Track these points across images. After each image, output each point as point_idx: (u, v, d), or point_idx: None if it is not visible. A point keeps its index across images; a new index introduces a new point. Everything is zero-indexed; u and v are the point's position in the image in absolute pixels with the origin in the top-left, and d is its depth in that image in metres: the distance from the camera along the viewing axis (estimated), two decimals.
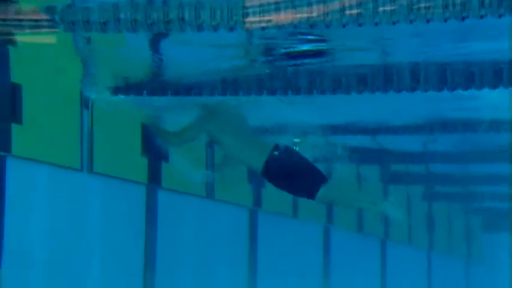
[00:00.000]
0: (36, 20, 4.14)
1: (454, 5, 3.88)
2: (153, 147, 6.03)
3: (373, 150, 7.78)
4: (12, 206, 4.83)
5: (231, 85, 5.38)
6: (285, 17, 3.93)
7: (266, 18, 3.97)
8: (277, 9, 3.95)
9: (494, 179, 8.96)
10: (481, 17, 3.90)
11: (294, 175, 5.70)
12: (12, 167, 4.83)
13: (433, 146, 7.61)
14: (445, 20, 3.97)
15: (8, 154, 4.82)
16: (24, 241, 4.97)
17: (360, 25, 4.02)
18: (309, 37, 4.71)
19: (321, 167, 8.20)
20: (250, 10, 3.97)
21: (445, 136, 6.94)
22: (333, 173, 7.32)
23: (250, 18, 3.97)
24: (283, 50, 4.93)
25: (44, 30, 4.23)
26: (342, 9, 3.96)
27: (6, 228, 4.78)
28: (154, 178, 6.10)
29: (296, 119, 6.45)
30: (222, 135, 5.75)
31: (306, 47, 4.90)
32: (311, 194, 5.71)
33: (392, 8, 3.96)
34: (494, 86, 5.23)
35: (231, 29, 4.00)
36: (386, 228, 9.76)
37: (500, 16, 3.90)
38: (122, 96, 5.56)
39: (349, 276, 8.82)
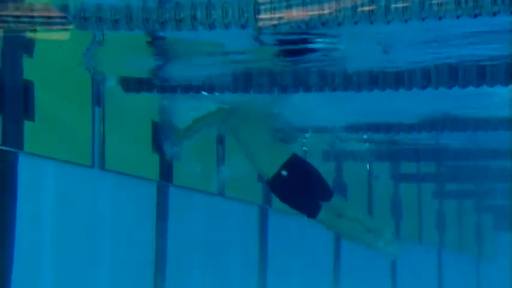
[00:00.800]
0: (48, 17, 4.15)
1: (466, 1, 3.86)
2: (165, 144, 6.04)
3: (384, 148, 7.77)
4: (24, 202, 4.84)
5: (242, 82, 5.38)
6: (296, 14, 3.92)
7: (278, 15, 3.96)
8: (289, 7, 3.94)
9: (506, 176, 8.91)
10: (494, 14, 3.87)
11: (299, 194, 5.70)
12: (24, 164, 4.84)
13: (444, 143, 7.59)
14: (458, 17, 3.95)
15: (20, 151, 4.83)
16: (35, 237, 4.98)
17: (371, 23, 4.00)
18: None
19: (331, 165, 8.19)
20: (262, 7, 3.96)
21: (455, 133, 6.92)
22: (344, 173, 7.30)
23: (262, 16, 3.97)
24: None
25: (57, 27, 4.23)
26: (354, 7, 3.95)
27: (18, 223, 4.79)
28: (165, 175, 6.11)
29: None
30: (240, 131, 5.73)
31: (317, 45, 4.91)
32: (312, 214, 5.75)
33: (405, 5, 3.94)
34: (505, 84, 5.21)
35: (243, 26, 4.00)
36: (397, 225, 9.74)
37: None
38: (133, 93, 5.57)
39: (360, 275, 8.80)
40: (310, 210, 5.74)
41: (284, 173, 5.67)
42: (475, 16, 3.92)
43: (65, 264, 5.19)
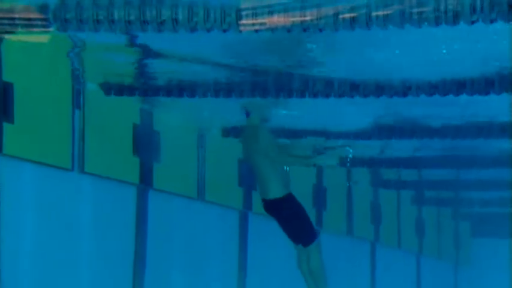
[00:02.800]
0: (29, 19, 4.11)
1: (446, 11, 3.88)
2: (145, 148, 6.02)
3: (364, 155, 7.79)
4: (3, 205, 4.79)
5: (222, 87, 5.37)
6: (278, 20, 3.92)
7: (259, 21, 3.96)
8: (271, 13, 3.93)
9: (484, 184, 8.97)
10: (472, 22, 3.89)
11: (291, 223, 5.82)
12: (3, 166, 4.80)
13: (423, 151, 7.62)
14: (437, 25, 3.97)
15: None
16: (14, 239, 4.94)
17: (353, 29, 4.01)
18: None
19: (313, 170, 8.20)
20: (244, 13, 3.96)
21: (435, 142, 6.95)
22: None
23: (244, 21, 3.96)
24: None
25: (37, 29, 4.19)
26: (336, 14, 3.95)
27: None
28: (145, 179, 6.08)
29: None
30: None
31: None
32: (302, 243, 5.91)
33: (385, 12, 3.95)
34: (486, 93, 5.25)
35: (225, 31, 3.99)
36: (377, 231, 9.77)
37: (491, 21, 3.90)
38: (114, 97, 5.54)
39: (341, 280, 8.80)
40: (299, 239, 5.85)
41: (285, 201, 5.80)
42: (454, 24, 3.94)
43: (44, 266, 5.15)
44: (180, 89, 5.45)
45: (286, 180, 5.88)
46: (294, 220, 5.78)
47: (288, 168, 6.04)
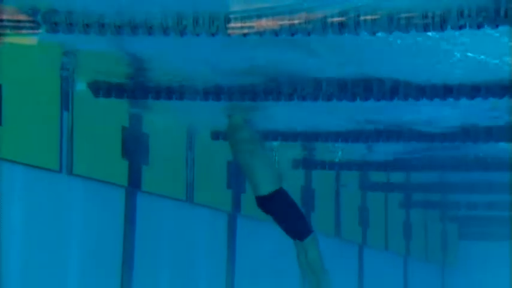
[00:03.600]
0: (18, 21, 4.09)
1: (433, 16, 3.89)
2: (134, 150, 6.00)
3: (354, 159, 7.80)
4: None
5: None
6: (266, 23, 3.92)
7: (248, 24, 3.95)
8: (259, 16, 3.93)
9: (471, 188, 9.00)
10: (460, 27, 3.91)
11: (284, 217, 5.76)
12: None
13: (411, 154, 7.64)
14: (425, 30, 3.98)
15: None
16: (4, 240, 4.91)
17: (341, 33, 4.01)
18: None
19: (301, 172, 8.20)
20: (232, 16, 3.95)
21: (422, 145, 6.96)
22: None
23: (232, 24, 3.96)
24: None
25: (26, 31, 4.18)
26: (324, 18, 3.95)
27: None
28: (134, 181, 6.06)
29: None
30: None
31: None
32: (297, 237, 5.82)
33: (374, 17, 3.96)
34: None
35: (213, 35, 3.98)
36: (364, 234, 9.78)
37: (478, 27, 3.91)
38: (103, 99, 5.52)
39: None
40: (294, 233, 5.81)
41: (277, 195, 5.75)
42: (442, 29, 3.95)
43: (33, 267, 5.13)
44: (169, 92, 5.45)
45: (276, 175, 5.84)
46: (286, 215, 5.75)
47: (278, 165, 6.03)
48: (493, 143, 6.45)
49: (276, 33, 3.97)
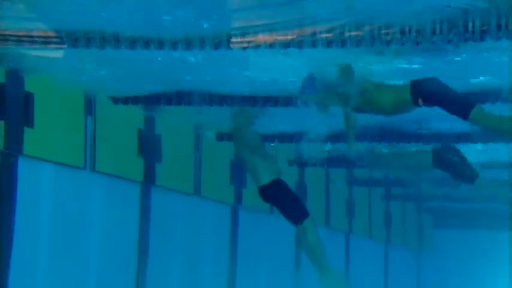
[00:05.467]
0: (45, 37, 4.11)
1: (410, 31, 3.89)
2: (148, 150, 6.01)
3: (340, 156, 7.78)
4: (22, 199, 4.78)
5: None
6: (263, 38, 3.93)
7: (247, 39, 3.96)
8: (256, 32, 3.94)
9: (442, 181, 8.99)
10: (433, 42, 3.91)
11: (283, 203, 5.69)
12: (24, 166, 4.79)
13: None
14: (402, 44, 3.98)
15: (20, 154, 4.78)
16: (33, 230, 4.92)
17: (328, 47, 4.02)
18: None
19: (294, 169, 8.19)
20: (233, 32, 3.96)
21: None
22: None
23: (233, 39, 3.96)
24: None
25: (53, 46, 4.19)
26: (313, 34, 3.96)
27: (17, 220, 4.73)
28: (148, 177, 6.07)
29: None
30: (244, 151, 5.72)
31: None
32: (295, 221, 5.68)
33: (358, 33, 3.96)
34: None
35: (216, 47, 3.99)
36: (350, 223, 9.78)
37: (449, 42, 3.92)
38: (121, 105, 5.53)
39: None
40: (293, 219, 5.73)
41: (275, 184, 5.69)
42: (417, 44, 3.96)
43: (59, 255, 5.13)
44: (179, 98, 5.45)
45: (274, 167, 5.79)
46: (285, 200, 5.70)
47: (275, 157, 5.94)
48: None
49: (270, 45, 3.98)
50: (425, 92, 4.60)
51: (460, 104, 4.57)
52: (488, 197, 9.13)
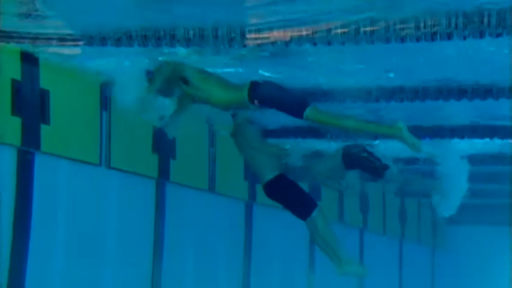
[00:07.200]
0: (61, 35, 4.13)
1: (425, 26, 3.87)
2: (163, 146, 6.02)
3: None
4: (39, 196, 4.81)
5: None
6: (278, 35, 3.92)
7: (261, 36, 3.95)
8: (271, 28, 3.93)
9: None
10: (448, 36, 3.89)
11: (287, 199, 5.64)
12: (40, 162, 4.81)
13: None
14: (417, 40, 3.96)
15: (37, 151, 4.80)
16: (48, 228, 4.95)
17: (343, 43, 4.01)
18: None
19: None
20: (247, 29, 3.95)
21: None
22: None
23: (248, 36, 3.96)
24: None
25: (69, 43, 4.21)
26: (329, 30, 3.95)
27: (33, 215, 4.76)
28: (163, 173, 6.08)
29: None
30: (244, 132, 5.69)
31: None
32: (303, 216, 5.63)
33: (372, 29, 3.95)
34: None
35: (230, 45, 3.98)
36: (365, 219, 9.76)
37: (465, 38, 3.89)
38: None
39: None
40: (300, 213, 5.68)
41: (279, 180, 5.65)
42: (432, 40, 3.93)
43: (75, 250, 5.16)
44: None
45: (276, 164, 5.76)
46: (290, 195, 5.65)
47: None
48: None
49: (285, 43, 3.97)
50: (261, 95, 4.73)
51: (294, 106, 4.73)
52: (505, 193, 9.06)
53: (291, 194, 5.63)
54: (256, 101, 4.73)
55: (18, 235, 4.67)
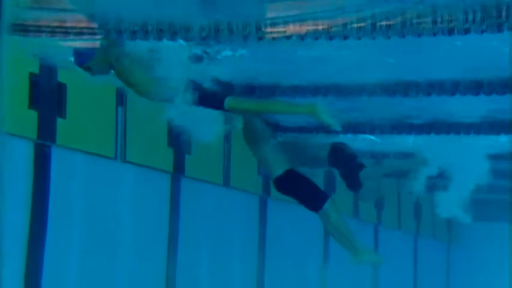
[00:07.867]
0: (79, 28, 4.13)
1: (442, 21, 3.84)
2: (178, 141, 6.03)
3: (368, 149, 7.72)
4: (55, 189, 4.84)
5: None
6: (293, 29, 3.90)
7: (276, 29, 3.94)
8: (286, 22, 3.91)
9: None
10: (465, 31, 3.85)
11: (298, 193, 5.62)
12: (56, 156, 4.84)
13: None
14: (434, 35, 3.93)
15: (53, 144, 4.83)
16: (64, 221, 4.98)
17: (359, 38, 3.98)
18: None
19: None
20: (262, 23, 3.94)
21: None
22: None
23: (263, 29, 3.95)
24: None
25: (87, 36, 4.22)
26: (345, 24, 3.92)
27: (50, 209, 4.79)
28: (178, 167, 6.10)
29: None
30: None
31: None
32: (315, 209, 5.60)
33: (388, 23, 3.92)
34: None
35: (245, 38, 3.97)
36: (379, 215, 9.73)
37: (482, 32, 3.85)
38: None
39: (347, 258, 8.75)
40: (312, 206, 5.65)
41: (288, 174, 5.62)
42: (449, 34, 3.90)
43: (90, 243, 5.19)
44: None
45: (286, 158, 5.73)
46: (301, 188, 5.63)
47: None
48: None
49: (301, 37, 3.95)
50: None
51: (216, 99, 4.68)
52: None
53: (302, 188, 5.61)
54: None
55: (35, 228, 4.71)
